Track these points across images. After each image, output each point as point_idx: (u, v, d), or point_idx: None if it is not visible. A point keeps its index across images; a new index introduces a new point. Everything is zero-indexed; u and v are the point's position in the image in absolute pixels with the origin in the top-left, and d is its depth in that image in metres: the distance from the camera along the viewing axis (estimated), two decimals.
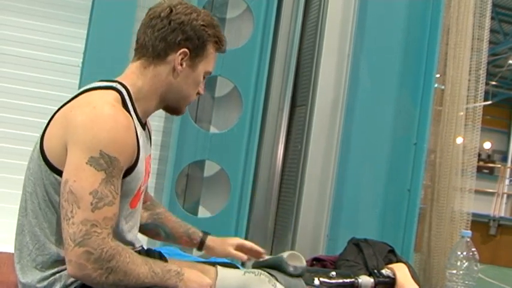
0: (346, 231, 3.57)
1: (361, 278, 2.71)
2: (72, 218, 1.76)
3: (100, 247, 1.76)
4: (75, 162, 1.79)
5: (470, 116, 3.86)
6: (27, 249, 1.94)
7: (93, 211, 1.77)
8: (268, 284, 2.15)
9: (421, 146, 3.82)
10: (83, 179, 1.78)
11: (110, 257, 1.77)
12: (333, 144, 3.64)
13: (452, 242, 3.72)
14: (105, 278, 1.78)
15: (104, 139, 1.80)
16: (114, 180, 1.82)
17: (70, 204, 1.77)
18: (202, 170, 3.77)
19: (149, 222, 2.40)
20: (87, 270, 1.76)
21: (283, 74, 3.84)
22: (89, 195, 1.77)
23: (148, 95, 2.03)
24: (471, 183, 3.79)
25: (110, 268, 1.78)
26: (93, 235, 1.76)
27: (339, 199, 3.69)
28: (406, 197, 3.80)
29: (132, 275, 1.82)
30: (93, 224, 1.76)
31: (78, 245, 1.75)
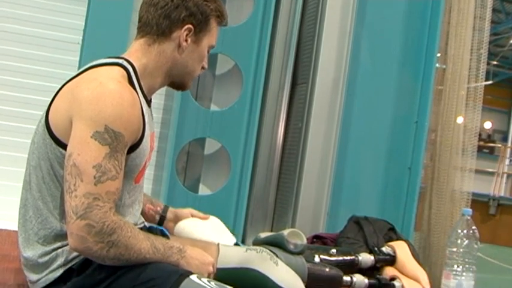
0: (347, 209, 3.57)
1: (361, 256, 2.72)
2: (75, 191, 1.77)
3: (101, 220, 1.77)
4: (80, 136, 1.80)
5: (472, 95, 3.84)
6: (30, 223, 1.95)
7: (95, 185, 1.77)
8: (270, 261, 2.16)
9: (422, 124, 3.81)
10: (87, 152, 1.78)
11: (111, 230, 1.78)
12: (334, 122, 3.64)
13: (452, 221, 3.71)
14: (106, 251, 1.79)
15: (110, 114, 1.80)
16: (118, 156, 1.83)
17: (73, 178, 1.78)
18: (202, 148, 3.76)
19: None
20: (88, 243, 1.77)
21: (284, 51, 3.82)
22: (92, 168, 1.78)
23: (153, 72, 2.04)
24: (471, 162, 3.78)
25: (111, 242, 1.79)
26: (95, 208, 1.77)
27: (339, 177, 3.69)
28: (406, 175, 3.80)
29: (133, 249, 1.83)
30: (95, 197, 1.77)
31: (80, 218, 1.76)
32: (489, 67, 18.24)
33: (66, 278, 1.91)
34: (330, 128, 3.65)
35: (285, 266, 2.22)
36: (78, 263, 1.90)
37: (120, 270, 1.86)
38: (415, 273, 2.72)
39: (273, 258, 2.18)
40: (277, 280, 2.13)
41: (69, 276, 1.91)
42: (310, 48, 3.71)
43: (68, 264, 1.91)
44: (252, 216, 3.72)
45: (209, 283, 1.83)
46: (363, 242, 2.93)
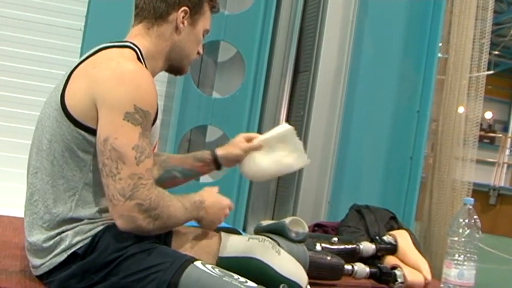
0: (348, 197, 3.57)
1: (362, 244, 2.71)
2: (119, 174, 1.81)
3: (148, 197, 1.82)
4: (112, 120, 1.83)
5: (473, 85, 3.84)
6: (35, 207, 1.96)
7: (138, 165, 1.82)
8: (272, 250, 2.15)
9: (424, 114, 3.81)
10: (124, 135, 1.82)
11: (156, 204, 1.84)
12: (336, 111, 3.64)
13: (453, 210, 3.71)
14: (153, 224, 1.85)
15: (137, 94, 1.84)
16: (147, 133, 1.87)
17: (114, 161, 1.81)
18: (204, 135, 3.76)
19: (162, 173, 2.43)
20: (139, 221, 1.83)
21: (286, 39, 3.81)
22: (132, 150, 1.82)
23: (155, 55, 2.07)
24: (472, 152, 3.78)
25: (157, 214, 1.85)
26: (141, 187, 1.81)
27: (341, 166, 3.70)
28: (408, 164, 3.81)
29: (172, 216, 1.90)
30: (139, 177, 1.81)
31: (129, 199, 1.80)
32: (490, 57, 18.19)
33: (70, 262, 1.91)
34: (332, 116, 3.65)
35: (287, 255, 2.21)
36: (83, 247, 1.90)
37: (125, 254, 1.87)
38: (416, 262, 2.72)
39: (275, 247, 2.17)
40: (279, 269, 2.13)
41: (73, 261, 1.91)
42: (313, 36, 3.70)
43: (72, 248, 1.91)
44: (253, 204, 3.72)
45: (213, 270, 1.83)
46: (364, 231, 2.92)
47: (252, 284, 1.81)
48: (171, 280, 1.80)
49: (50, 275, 1.94)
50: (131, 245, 1.88)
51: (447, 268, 2.53)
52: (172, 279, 1.80)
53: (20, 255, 2.10)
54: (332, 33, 3.68)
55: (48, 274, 1.95)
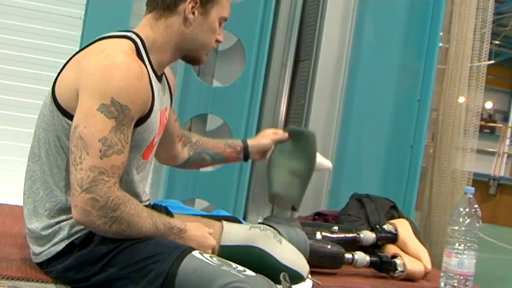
0: (348, 186, 3.57)
1: (363, 233, 2.71)
2: (81, 164, 1.78)
3: (106, 195, 1.77)
4: (86, 109, 1.80)
5: (474, 74, 3.83)
6: (37, 195, 1.96)
7: (101, 158, 1.78)
8: (274, 239, 2.15)
9: (424, 103, 3.80)
10: (93, 125, 1.78)
11: (115, 206, 1.79)
12: (336, 100, 3.63)
13: (453, 200, 3.71)
14: (109, 226, 1.80)
15: (116, 87, 1.80)
16: (124, 129, 1.82)
17: (79, 150, 1.78)
18: (204, 124, 3.75)
19: (192, 154, 2.48)
20: (91, 217, 1.78)
21: (287, 28, 3.80)
22: (98, 142, 1.78)
23: (162, 47, 2.02)
24: (473, 142, 3.78)
25: (115, 218, 1.79)
26: (100, 182, 1.77)
27: (342, 154, 3.69)
28: (408, 153, 3.80)
29: (135, 227, 1.84)
30: (100, 171, 1.77)
31: (85, 191, 1.76)
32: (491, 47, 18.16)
33: (68, 252, 1.92)
34: (333, 105, 3.64)
35: (288, 244, 2.21)
36: (81, 237, 1.91)
37: (122, 245, 1.86)
38: (417, 251, 2.72)
39: (277, 237, 2.17)
40: (281, 258, 2.13)
41: (71, 251, 1.92)
42: (314, 25, 3.69)
43: (70, 238, 1.92)
44: (253, 193, 3.71)
45: (211, 259, 1.83)
46: (365, 220, 2.92)
47: (251, 272, 1.80)
48: (169, 270, 1.79)
49: (49, 264, 1.95)
50: None
51: (447, 257, 2.53)
52: (171, 269, 1.79)
53: (21, 244, 2.10)
54: (333, 22, 3.66)
55: (48, 263, 1.96)
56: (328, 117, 3.62)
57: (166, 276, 1.79)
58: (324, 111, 3.62)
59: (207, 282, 1.75)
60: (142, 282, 1.81)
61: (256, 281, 1.78)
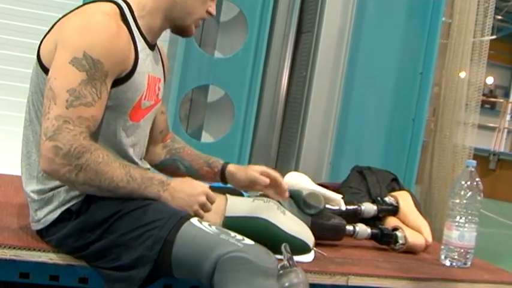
0: (349, 159, 3.57)
1: (364, 205, 2.71)
2: (48, 114, 1.79)
3: (69, 143, 1.77)
4: (59, 61, 1.82)
5: (477, 49, 3.81)
6: (31, 159, 1.98)
7: (67, 108, 1.78)
8: (277, 210, 2.16)
9: (427, 76, 3.79)
10: (63, 77, 1.80)
11: (79, 154, 1.78)
12: (339, 72, 3.62)
13: (453, 174, 3.71)
14: (75, 175, 1.80)
15: (90, 41, 1.81)
16: (97, 83, 1.82)
17: (48, 100, 1.80)
18: (206, 95, 3.75)
19: (167, 158, 2.38)
20: (54, 165, 1.79)
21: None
22: (65, 92, 1.79)
23: (152, 12, 2.01)
24: (474, 117, 3.77)
25: (79, 166, 1.79)
26: (64, 131, 1.78)
27: (343, 127, 3.69)
28: (410, 126, 3.79)
29: (104, 176, 1.83)
30: (66, 120, 1.78)
31: (49, 139, 1.78)
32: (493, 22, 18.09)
33: (65, 219, 1.93)
34: (334, 77, 3.63)
35: (291, 215, 2.22)
36: (77, 204, 1.91)
37: (121, 211, 1.87)
38: (418, 223, 2.72)
39: (280, 208, 2.19)
40: (286, 228, 2.14)
41: (68, 218, 1.92)
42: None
43: (66, 205, 1.92)
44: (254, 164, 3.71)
45: (209, 227, 1.82)
46: (366, 192, 2.92)
47: (249, 241, 1.80)
48: (167, 237, 1.79)
49: (48, 231, 1.97)
50: (125, 202, 1.88)
51: (448, 230, 2.54)
52: (168, 236, 1.79)
53: (22, 214, 2.10)
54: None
55: (47, 230, 1.97)
56: (330, 89, 3.61)
57: (164, 243, 1.79)
58: (325, 84, 3.61)
59: (206, 251, 1.75)
60: (140, 248, 1.82)
61: (255, 249, 1.77)
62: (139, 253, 1.82)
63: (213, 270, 1.73)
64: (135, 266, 1.83)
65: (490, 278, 2.45)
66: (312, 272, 2.13)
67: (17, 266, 1.96)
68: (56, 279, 2.01)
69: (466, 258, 2.53)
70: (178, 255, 1.79)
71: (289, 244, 1.96)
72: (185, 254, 1.79)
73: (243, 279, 1.72)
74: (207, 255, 1.74)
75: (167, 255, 1.80)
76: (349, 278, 2.20)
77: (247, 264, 1.72)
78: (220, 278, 1.73)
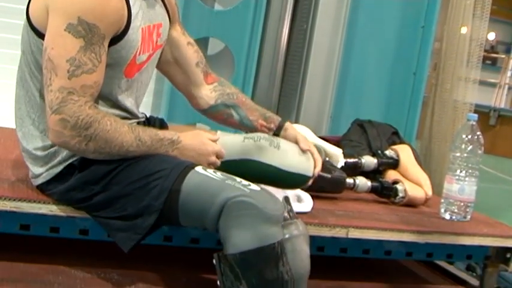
0: (350, 112, 3.56)
1: (364, 158, 2.71)
2: (51, 86, 1.77)
3: (76, 114, 1.76)
4: (54, 29, 1.78)
5: (479, 4, 3.76)
6: (29, 119, 1.95)
7: (69, 78, 1.76)
8: (270, 147, 2.09)
9: (428, 29, 3.76)
10: (61, 46, 1.76)
11: (87, 124, 1.77)
12: (339, 25, 3.59)
13: (454, 129, 3.70)
14: (85, 145, 1.80)
15: (83, 5, 1.77)
16: (95, 48, 1.79)
17: (49, 72, 1.77)
18: (206, 48, 3.71)
19: (219, 103, 2.26)
20: (64, 138, 1.78)
21: None
22: (66, 62, 1.76)
23: None
24: (475, 73, 3.74)
25: (89, 136, 1.78)
26: (70, 102, 1.76)
27: (344, 80, 3.67)
28: (411, 80, 3.78)
29: (114, 143, 1.82)
30: (69, 91, 1.76)
31: (55, 112, 1.76)
32: None
33: (67, 173, 1.92)
34: (336, 30, 3.60)
35: (287, 146, 2.12)
36: (79, 159, 1.90)
37: (124, 163, 1.86)
38: (418, 177, 2.72)
39: (273, 143, 2.09)
40: (280, 165, 2.08)
41: (70, 172, 1.92)
42: None
43: (68, 160, 1.92)
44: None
45: (215, 173, 1.83)
46: (366, 145, 2.91)
47: (256, 187, 1.80)
48: (172, 187, 1.80)
49: (49, 185, 1.96)
50: None
51: (448, 183, 2.54)
52: (174, 185, 1.80)
53: (22, 166, 2.10)
54: None
55: (47, 185, 1.96)
56: (331, 42, 3.59)
57: (170, 193, 1.79)
58: (326, 36, 3.58)
59: (212, 197, 1.76)
60: (146, 198, 1.82)
61: (261, 195, 1.78)
62: (145, 203, 1.82)
63: (219, 214, 1.75)
64: (140, 215, 1.84)
65: (490, 231, 2.46)
66: (312, 224, 2.14)
67: (18, 218, 1.97)
68: (56, 231, 2.03)
69: (465, 211, 2.54)
70: (185, 203, 1.80)
71: (286, 180, 1.95)
72: (192, 201, 1.79)
73: (248, 224, 1.73)
74: (213, 201, 1.75)
75: (174, 205, 1.81)
76: (349, 231, 2.21)
77: (253, 209, 1.73)
78: (226, 223, 1.74)
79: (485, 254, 2.52)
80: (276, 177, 1.96)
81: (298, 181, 2.15)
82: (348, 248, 2.33)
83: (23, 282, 1.97)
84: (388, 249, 2.39)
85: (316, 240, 2.15)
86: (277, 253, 1.76)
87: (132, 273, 2.15)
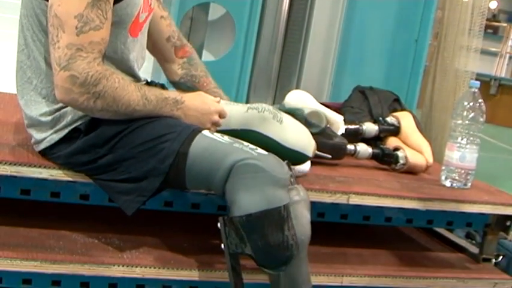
0: (351, 79, 3.54)
1: (365, 125, 2.70)
2: (58, 43, 1.76)
3: (85, 71, 1.75)
4: None
5: None
6: (30, 85, 1.94)
7: (78, 35, 1.75)
8: (273, 120, 2.10)
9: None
10: (68, 2, 1.75)
11: (96, 81, 1.77)
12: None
13: (455, 98, 3.69)
14: (93, 102, 1.79)
15: None
16: (102, 5, 1.78)
17: (55, 29, 1.76)
18: (206, 13, 3.70)
19: (181, 82, 2.32)
20: (73, 95, 1.77)
21: None
22: (73, 19, 1.74)
23: None
24: (477, 42, 3.72)
25: (97, 93, 1.78)
26: (78, 59, 1.75)
27: (345, 46, 3.65)
28: (413, 47, 3.76)
29: (121, 101, 1.82)
30: (78, 48, 1.75)
31: (64, 69, 1.75)
32: None
33: (72, 138, 1.92)
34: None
35: (290, 121, 2.15)
36: (85, 122, 1.90)
37: (131, 126, 1.86)
38: (419, 144, 2.71)
39: (277, 116, 2.11)
40: (281, 140, 2.10)
41: (75, 136, 1.91)
42: None
43: (74, 124, 1.91)
44: (255, 84, 3.69)
45: (222, 137, 1.83)
46: (367, 112, 2.90)
47: (263, 151, 1.81)
48: (180, 149, 1.80)
49: (53, 149, 1.95)
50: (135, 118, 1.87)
51: (449, 150, 2.53)
52: (181, 148, 1.80)
53: (23, 131, 2.09)
54: None
55: (51, 149, 1.96)
56: (333, 8, 3.56)
57: (177, 156, 1.80)
58: (328, 2, 3.56)
59: (219, 159, 1.76)
60: (152, 161, 1.82)
61: (269, 159, 1.79)
62: (151, 166, 1.83)
63: (226, 177, 1.76)
64: (145, 178, 1.85)
65: (490, 199, 2.46)
66: (313, 190, 2.14)
67: (18, 183, 1.97)
68: (57, 196, 2.02)
69: (466, 179, 2.54)
70: (192, 166, 1.81)
71: (285, 156, 1.95)
72: (199, 164, 1.80)
73: (255, 187, 1.74)
74: (221, 163, 1.76)
75: (181, 168, 1.81)
76: (350, 197, 2.21)
77: (260, 172, 1.74)
78: (233, 185, 1.75)
79: (485, 221, 2.52)
80: (275, 151, 1.97)
81: (297, 159, 2.15)
82: (349, 214, 2.33)
83: (23, 247, 1.98)
84: (388, 216, 2.39)
85: (316, 206, 2.15)
86: (283, 216, 1.77)
87: (133, 239, 2.16)
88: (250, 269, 1.94)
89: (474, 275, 2.49)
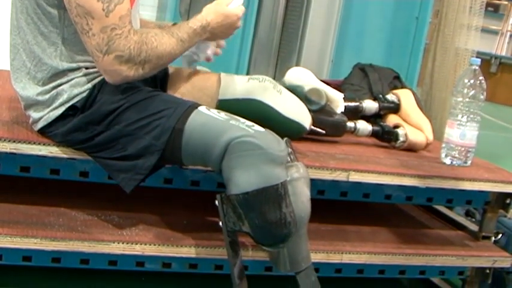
0: (351, 56, 3.54)
1: (365, 102, 2.69)
2: (91, 30, 1.77)
3: (126, 47, 1.78)
4: None
5: None
6: (25, 68, 1.94)
7: (107, 16, 1.76)
8: (273, 90, 2.12)
9: None
10: None
11: (138, 50, 1.80)
12: None
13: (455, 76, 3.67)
14: (142, 69, 1.83)
15: None
16: None
17: (83, 18, 1.76)
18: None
19: None
20: (124, 73, 1.80)
21: None
22: (98, 2, 1.75)
23: None
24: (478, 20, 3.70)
25: (143, 60, 1.81)
26: (116, 38, 1.77)
27: (345, 23, 3.65)
28: (413, 24, 3.75)
29: (164, 55, 1.86)
30: (112, 28, 1.77)
31: (107, 53, 1.77)
32: None
33: (69, 115, 1.91)
34: None
35: (289, 94, 2.18)
36: (81, 100, 1.90)
37: (127, 103, 1.86)
38: (419, 122, 2.70)
39: (277, 87, 2.14)
40: (281, 110, 2.12)
41: (72, 114, 1.91)
42: None
43: (70, 101, 1.91)
44: (255, 60, 3.69)
45: (218, 114, 1.83)
46: (368, 89, 2.89)
47: (260, 128, 1.80)
48: (176, 126, 1.80)
49: (51, 127, 1.95)
50: (132, 94, 1.88)
51: (449, 128, 2.53)
52: (177, 125, 1.80)
53: (18, 108, 2.08)
54: None
55: (49, 127, 1.95)
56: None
57: (172, 132, 1.79)
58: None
59: (216, 136, 1.76)
60: (148, 137, 1.82)
61: (266, 136, 1.79)
62: (146, 143, 1.83)
63: (223, 154, 1.76)
64: (141, 155, 1.85)
65: (490, 176, 2.46)
66: (313, 167, 2.13)
67: (17, 160, 1.97)
68: (56, 173, 2.03)
69: (466, 157, 2.53)
70: (188, 143, 1.81)
71: (284, 126, 1.95)
72: (195, 141, 1.80)
73: (252, 165, 1.74)
74: (217, 140, 1.77)
75: (177, 144, 1.82)
76: (349, 174, 2.21)
77: (257, 149, 1.74)
78: (229, 163, 1.76)
79: (485, 199, 2.52)
80: (275, 120, 1.97)
81: (295, 130, 2.17)
82: (348, 191, 2.33)
83: (23, 224, 1.98)
84: (388, 193, 2.39)
85: (316, 183, 2.15)
86: (280, 194, 1.77)
87: (133, 215, 2.16)
88: (251, 246, 1.94)
89: (473, 253, 2.49)
